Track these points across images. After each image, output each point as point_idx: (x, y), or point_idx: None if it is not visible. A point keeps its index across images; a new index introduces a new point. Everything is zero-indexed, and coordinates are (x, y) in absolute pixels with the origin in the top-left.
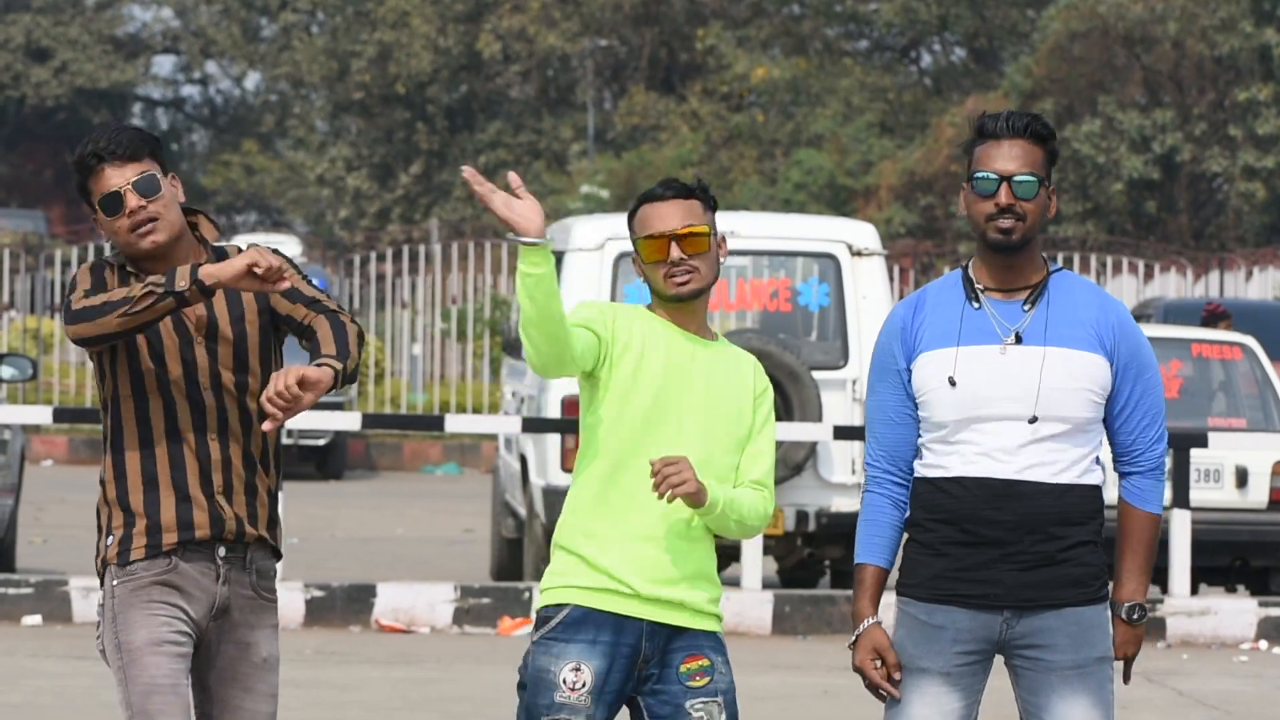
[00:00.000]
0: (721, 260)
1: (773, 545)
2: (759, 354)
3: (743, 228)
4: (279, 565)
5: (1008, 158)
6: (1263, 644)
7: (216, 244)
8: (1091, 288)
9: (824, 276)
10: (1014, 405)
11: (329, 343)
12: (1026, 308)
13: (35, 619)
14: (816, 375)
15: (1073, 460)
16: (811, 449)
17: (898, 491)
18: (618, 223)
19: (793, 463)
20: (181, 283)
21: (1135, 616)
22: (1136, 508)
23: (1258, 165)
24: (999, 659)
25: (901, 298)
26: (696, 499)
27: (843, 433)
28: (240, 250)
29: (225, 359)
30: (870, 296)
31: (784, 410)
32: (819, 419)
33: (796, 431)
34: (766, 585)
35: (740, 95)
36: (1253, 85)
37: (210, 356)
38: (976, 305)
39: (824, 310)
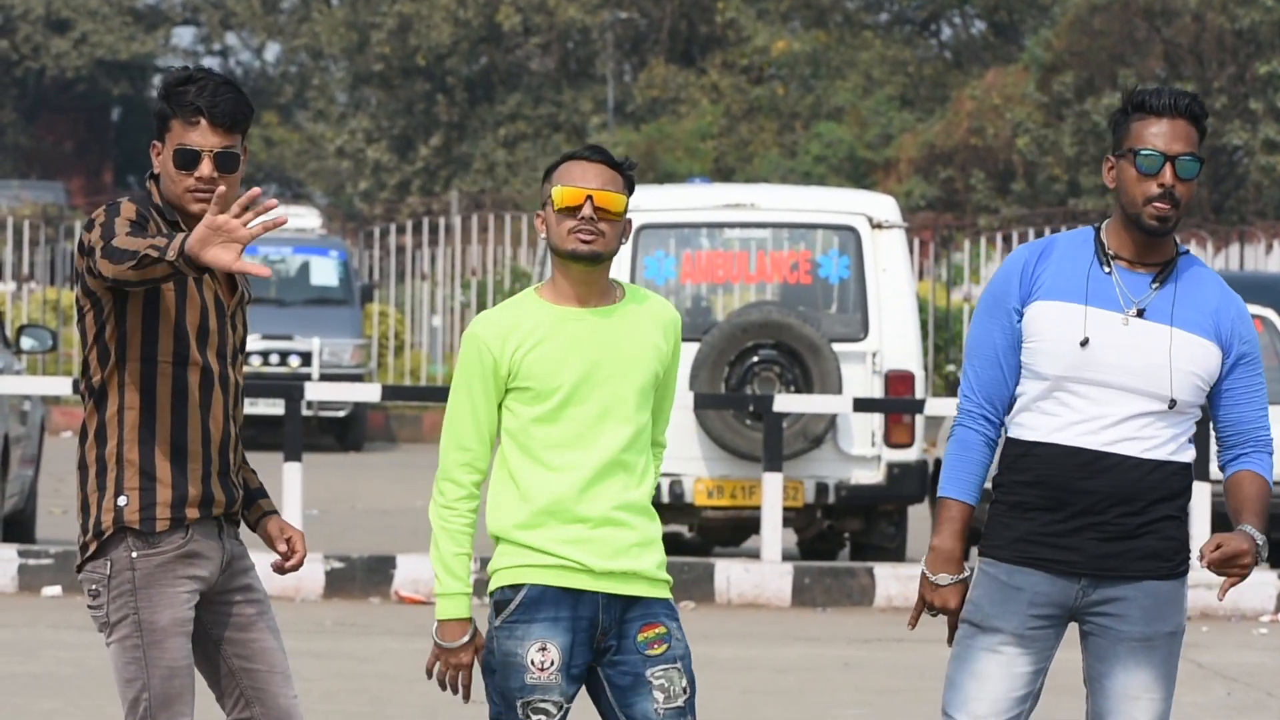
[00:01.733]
0: (624, 241)
1: (792, 517)
2: (779, 326)
3: (763, 200)
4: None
5: (1171, 137)
6: None
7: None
8: (1215, 277)
9: (844, 249)
10: (1128, 377)
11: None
12: (1154, 284)
13: (55, 590)
14: (836, 348)
15: (1169, 438)
16: (831, 421)
17: (990, 430)
18: (637, 195)
19: (812, 435)
20: (170, 254)
21: (1260, 542)
22: (1258, 472)
23: (1278, 139)
24: (1073, 627)
25: (921, 270)
26: None
27: (862, 405)
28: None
29: (238, 335)
30: (890, 269)
31: (804, 382)
32: (839, 391)
33: (816, 404)
34: (786, 557)
35: (760, 68)
36: (1273, 59)
37: (232, 332)
38: (1107, 270)
39: (844, 283)
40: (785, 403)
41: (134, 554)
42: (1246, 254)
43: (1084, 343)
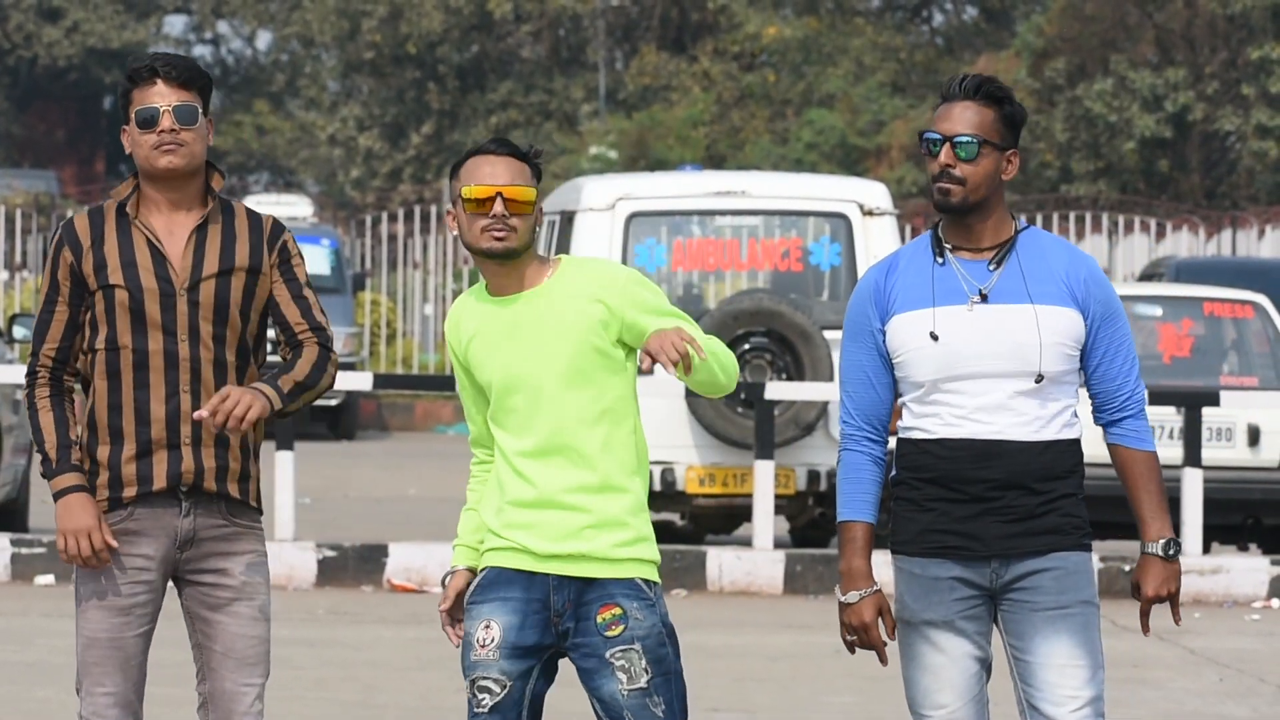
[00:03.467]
0: (539, 229)
1: (784, 505)
2: (770, 314)
3: (754, 188)
4: (259, 515)
5: (953, 119)
6: (1275, 602)
7: (223, 195)
8: (1060, 242)
9: (835, 236)
10: (992, 363)
11: (303, 371)
12: (992, 268)
13: (48, 579)
14: (828, 335)
15: (1053, 414)
16: (823, 409)
17: (874, 449)
18: (629, 183)
19: (804, 422)
20: (53, 487)
21: (1170, 551)
22: (1138, 449)
23: (1270, 124)
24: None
25: None
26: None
27: None
28: (247, 209)
29: (206, 311)
30: (882, 256)
31: (795, 370)
32: (830, 379)
33: (808, 391)
34: (778, 545)
35: (752, 55)
36: (1265, 44)
37: (191, 307)
38: (941, 261)
39: (835, 270)
40: (777, 390)
41: None
42: (1239, 239)
43: (934, 337)
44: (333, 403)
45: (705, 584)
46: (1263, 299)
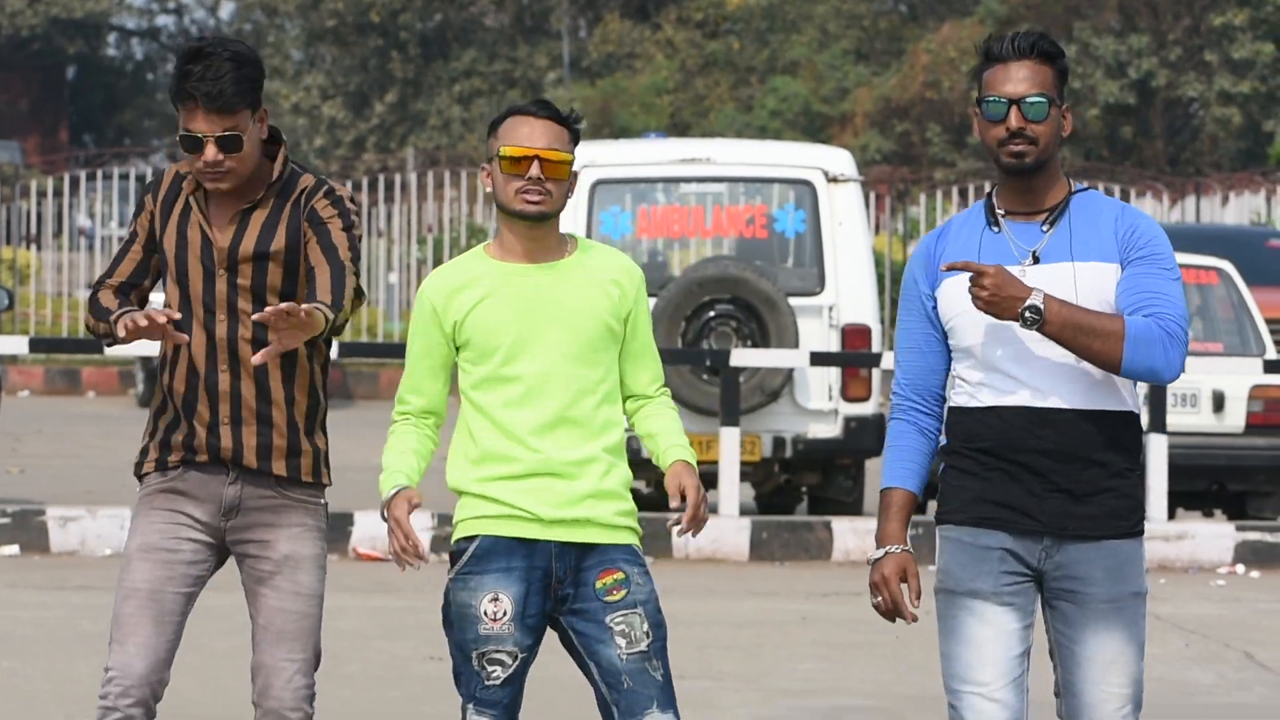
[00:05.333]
0: (569, 196)
1: (749, 472)
2: (735, 281)
3: (719, 155)
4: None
5: (1016, 80)
6: (1240, 568)
7: (285, 172)
8: (1114, 203)
9: (800, 203)
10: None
11: (325, 290)
12: (1045, 229)
13: (13, 549)
14: (793, 301)
15: (1109, 383)
16: (788, 375)
17: (923, 420)
18: (593, 150)
19: (769, 389)
20: (120, 331)
21: (1032, 301)
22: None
23: (1233, 90)
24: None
25: (877, 224)
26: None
27: (819, 359)
28: (298, 175)
29: (244, 291)
30: (846, 223)
31: (760, 337)
32: (795, 345)
33: (773, 358)
34: (744, 512)
35: (716, 22)
36: (1228, 10)
37: (230, 288)
38: (996, 229)
39: (800, 237)
40: (742, 357)
41: (137, 491)
42: (1202, 206)
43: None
44: None
45: (671, 551)
46: (1227, 265)
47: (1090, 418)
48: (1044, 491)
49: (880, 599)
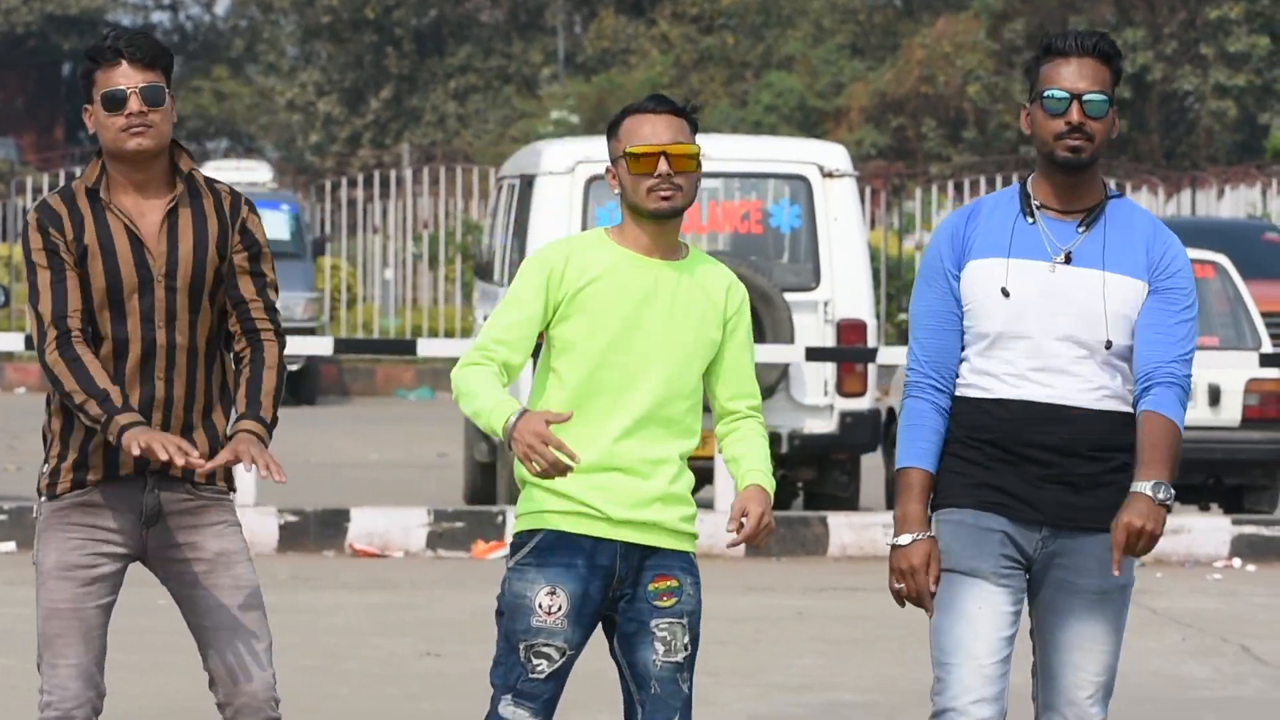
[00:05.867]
0: (699, 187)
1: None
2: None
3: (714, 150)
4: (234, 490)
5: (1078, 76)
6: (1236, 562)
7: (189, 172)
8: (1148, 216)
9: (795, 198)
10: (1059, 324)
11: (242, 399)
12: (1081, 229)
13: (9, 546)
14: (788, 297)
15: (1118, 386)
16: (784, 371)
17: (940, 398)
18: (588, 146)
19: (765, 385)
20: (110, 435)
21: (1160, 495)
22: (1156, 411)
23: (1229, 84)
24: None
25: (873, 219)
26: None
27: (815, 354)
28: (210, 181)
29: (183, 297)
30: (842, 218)
31: (756, 333)
32: (791, 341)
33: (769, 354)
34: None
35: (710, 18)
36: (1224, 3)
37: (169, 294)
38: (1031, 220)
39: (795, 232)
40: None
41: (41, 502)
42: (1198, 199)
43: (1005, 293)
44: (293, 368)
45: None
46: (1223, 259)
47: (1097, 416)
48: (1044, 482)
49: (904, 586)
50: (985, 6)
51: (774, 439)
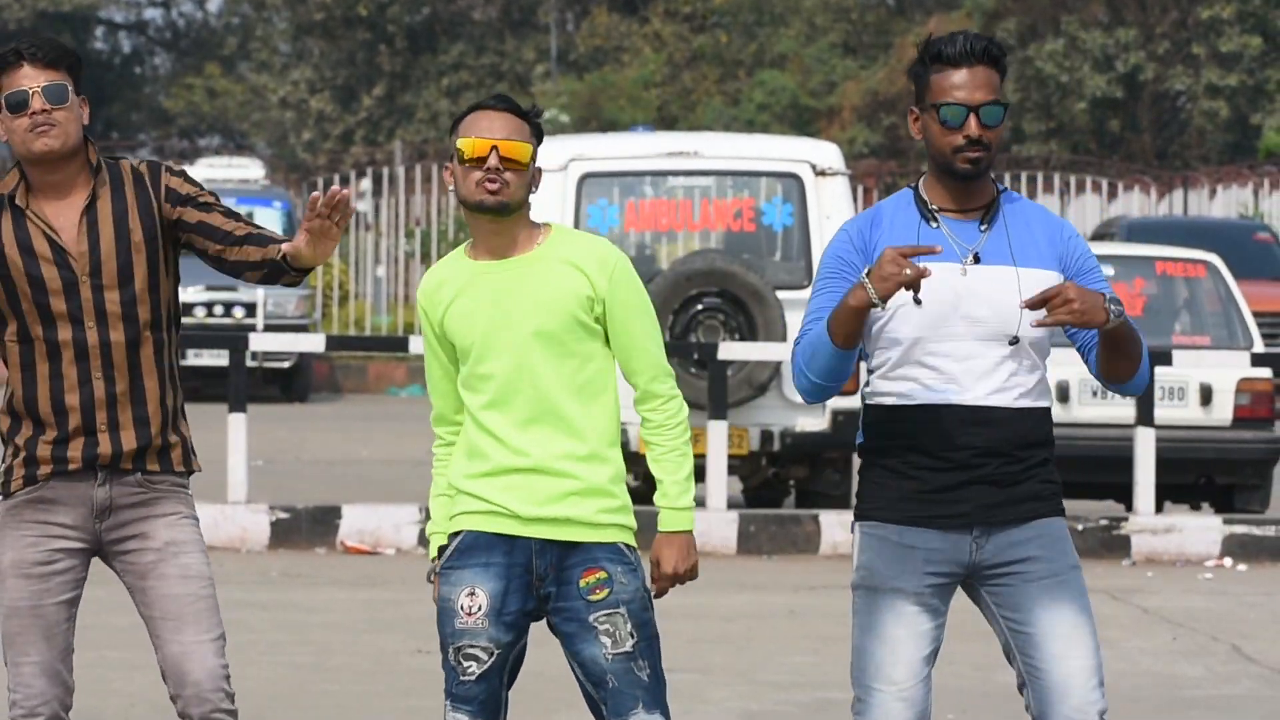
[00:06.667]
0: (534, 190)
1: (737, 465)
2: (723, 274)
3: (706, 148)
4: (187, 476)
5: (972, 86)
6: (1227, 561)
7: (98, 163)
8: (1039, 207)
9: (788, 196)
10: (973, 326)
11: (274, 240)
12: (983, 228)
13: None
14: (780, 295)
15: (1033, 383)
16: (776, 369)
17: None
18: (581, 143)
19: (757, 383)
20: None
21: (1114, 309)
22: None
23: (1221, 83)
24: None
25: None
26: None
27: None
28: (131, 162)
29: (111, 294)
30: (834, 216)
31: (748, 330)
32: (783, 339)
33: (760, 351)
34: (731, 505)
35: (703, 16)
36: (1216, 3)
37: (95, 292)
38: (934, 225)
39: (788, 230)
40: (730, 350)
41: None
42: (1190, 199)
43: (918, 302)
44: (285, 365)
45: None
46: (1214, 258)
47: (1018, 415)
48: (971, 486)
49: (898, 273)
50: (977, 5)
51: (766, 436)
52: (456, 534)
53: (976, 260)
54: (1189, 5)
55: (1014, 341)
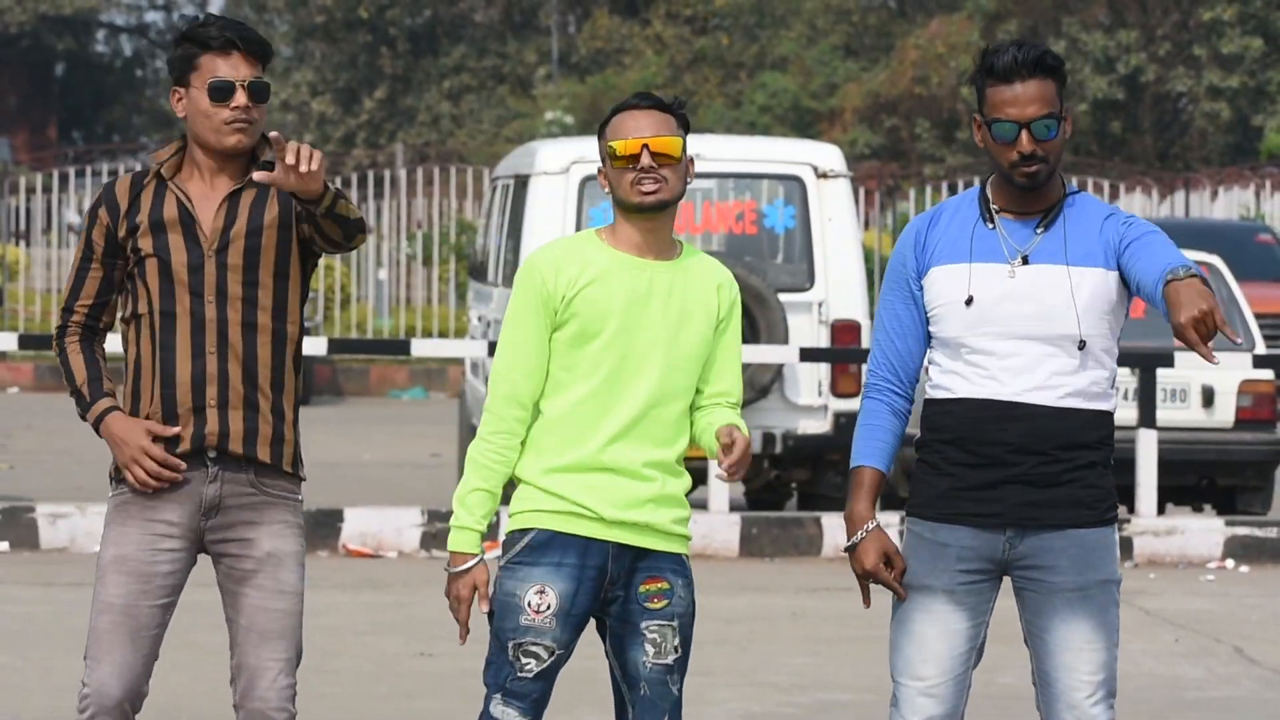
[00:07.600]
0: (689, 181)
1: None
2: None
3: (708, 150)
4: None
5: (1024, 101)
6: (1229, 563)
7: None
8: (1101, 205)
9: (789, 199)
10: (1023, 324)
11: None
12: (1039, 230)
13: (2, 545)
14: (782, 297)
15: (1085, 385)
16: (778, 371)
17: (897, 401)
18: (583, 146)
19: (759, 385)
20: (90, 418)
21: (1184, 272)
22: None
23: (1222, 85)
24: (1007, 580)
25: (867, 220)
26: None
27: (809, 355)
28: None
29: (235, 272)
30: (836, 218)
31: (750, 333)
32: (785, 341)
33: (763, 354)
34: (734, 508)
35: (704, 18)
36: (1217, 5)
37: (220, 269)
38: (990, 225)
39: (789, 232)
40: None
41: (109, 498)
42: (1191, 201)
43: (968, 301)
44: None
45: None
46: (1216, 260)
47: (1060, 415)
48: (1005, 484)
49: (863, 593)
50: (979, 8)
51: (769, 439)
52: (525, 530)
53: (1025, 261)
54: (1190, 7)
55: (1082, 345)
